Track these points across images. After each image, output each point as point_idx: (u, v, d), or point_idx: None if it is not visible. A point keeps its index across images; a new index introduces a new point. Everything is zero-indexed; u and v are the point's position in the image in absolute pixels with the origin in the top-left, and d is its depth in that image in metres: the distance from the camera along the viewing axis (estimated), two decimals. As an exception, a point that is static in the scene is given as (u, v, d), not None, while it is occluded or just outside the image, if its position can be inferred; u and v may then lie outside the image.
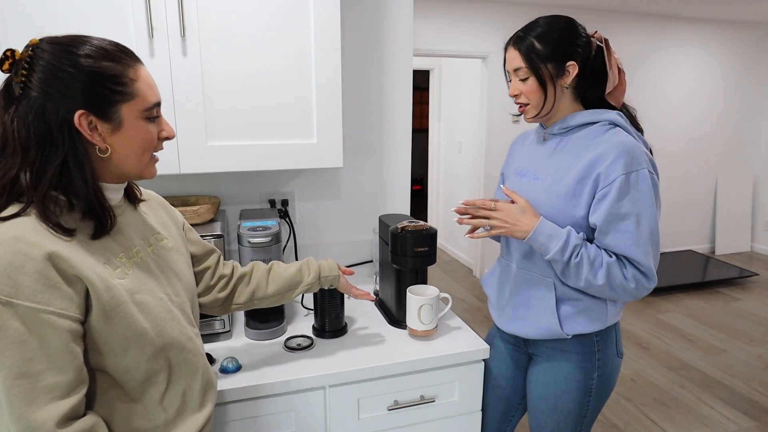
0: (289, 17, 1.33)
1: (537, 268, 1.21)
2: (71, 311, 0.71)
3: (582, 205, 1.12)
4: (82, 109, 0.73)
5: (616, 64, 1.16)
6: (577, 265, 1.10)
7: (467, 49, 4.20)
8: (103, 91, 0.74)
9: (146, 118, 0.80)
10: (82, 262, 0.73)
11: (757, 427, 2.45)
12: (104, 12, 1.20)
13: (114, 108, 0.76)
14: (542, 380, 1.27)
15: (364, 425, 1.28)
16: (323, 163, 1.44)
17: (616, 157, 1.07)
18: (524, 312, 1.24)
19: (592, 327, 1.18)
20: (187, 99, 1.29)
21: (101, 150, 0.76)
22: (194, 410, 0.90)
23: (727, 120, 5.25)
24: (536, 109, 1.17)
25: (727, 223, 5.36)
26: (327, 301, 1.37)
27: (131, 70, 0.77)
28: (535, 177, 1.22)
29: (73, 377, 0.72)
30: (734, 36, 5.04)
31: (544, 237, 1.12)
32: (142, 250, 0.87)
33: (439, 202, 5.65)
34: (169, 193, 1.65)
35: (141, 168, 0.83)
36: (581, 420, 1.26)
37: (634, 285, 1.10)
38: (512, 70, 1.17)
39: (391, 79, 1.78)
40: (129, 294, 0.79)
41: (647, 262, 1.09)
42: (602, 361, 1.22)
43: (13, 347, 0.68)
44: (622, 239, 1.09)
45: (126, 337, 0.77)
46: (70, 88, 0.72)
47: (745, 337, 3.42)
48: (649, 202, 1.08)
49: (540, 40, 1.12)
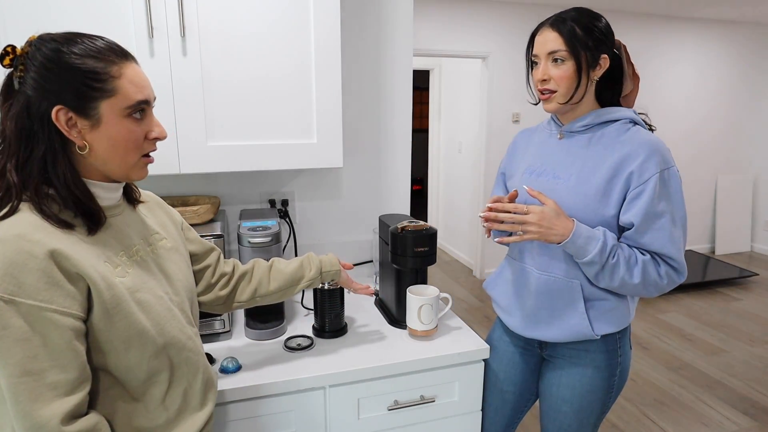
0: (289, 18, 1.33)
1: (560, 270, 1.18)
2: (74, 309, 0.72)
3: (612, 204, 1.11)
4: (59, 104, 0.73)
5: (634, 69, 1.17)
6: (614, 265, 1.09)
7: (467, 49, 4.20)
8: (81, 87, 0.74)
9: (129, 116, 0.78)
10: (84, 260, 0.74)
11: (757, 427, 2.45)
12: (104, 12, 1.20)
13: (92, 104, 0.75)
14: (566, 382, 1.25)
15: (364, 425, 1.28)
16: (323, 163, 1.44)
17: (648, 156, 1.07)
18: (548, 316, 1.21)
19: (619, 325, 1.18)
20: (187, 99, 1.29)
21: (80, 147, 0.76)
22: (195, 409, 0.90)
23: (727, 120, 5.25)
24: (565, 98, 1.13)
25: (727, 223, 5.36)
26: (327, 300, 1.37)
27: (115, 67, 0.76)
28: (555, 176, 1.18)
29: (76, 375, 0.72)
30: (734, 36, 5.04)
31: (583, 239, 1.08)
32: (141, 249, 0.87)
33: (439, 202, 5.65)
34: (169, 193, 1.65)
35: (126, 168, 0.81)
36: (601, 416, 1.27)
37: (666, 281, 1.11)
38: (547, 52, 1.11)
39: (391, 79, 1.78)
40: (130, 292, 0.79)
41: (681, 258, 1.10)
42: (623, 356, 1.23)
43: (16, 345, 0.68)
44: (659, 237, 1.09)
45: (127, 336, 0.77)
46: (51, 83, 0.73)
47: (745, 337, 3.43)
48: (680, 199, 1.10)
49: (581, 26, 1.10)
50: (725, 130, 5.27)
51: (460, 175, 5.09)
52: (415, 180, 7.53)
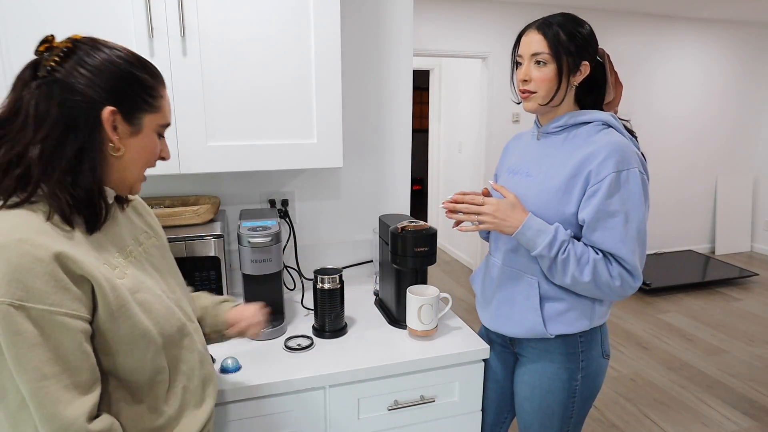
0: (290, 17, 1.33)
1: (521, 265, 1.22)
2: (82, 312, 0.72)
3: (573, 201, 1.13)
4: (114, 106, 0.76)
5: (617, 77, 1.19)
6: (563, 261, 1.11)
7: (467, 49, 4.20)
8: (137, 97, 0.79)
9: (159, 133, 0.86)
10: (88, 262, 0.73)
11: (757, 427, 2.45)
12: (104, 12, 1.20)
13: (140, 115, 0.80)
14: (527, 380, 1.28)
15: (364, 425, 1.28)
16: (323, 163, 1.44)
17: (608, 155, 1.08)
18: (509, 310, 1.25)
19: (576, 327, 1.18)
20: (187, 99, 1.29)
21: (115, 148, 0.79)
22: (195, 406, 0.90)
23: (727, 120, 5.25)
24: (544, 99, 1.16)
25: (727, 223, 5.36)
26: (327, 300, 1.37)
27: (162, 87, 0.84)
28: (527, 174, 1.23)
29: (89, 376, 0.73)
30: (734, 36, 5.04)
31: (533, 232, 1.12)
32: (134, 249, 0.88)
33: (439, 203, 5.65)
34: (169, 193, 1.65)
35: (136, 179, 0.85)
36: (567, 420, 1.26)
37: (619, 283, 1.11)
38: (530, 54, 1.14)
39: (391, 79, 1.78)
40: (131, 293, 0.79)
41: (633, 260, 1.10)
42: (586, 362, 1.22)
43: (31, 351, 0.68)
44: (610, 236, 1.09)
45: (132, 337, 0.78)
46: (111, 85, 0.76)
47: (745, 337, 3.42)
48: (638, 201, 1.09)
49: (565, 31, 1.12)
50: (725, 130, 5.27)
51: (460, 175, 5.09)
52: (415, 180, 7.53)
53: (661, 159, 5.04)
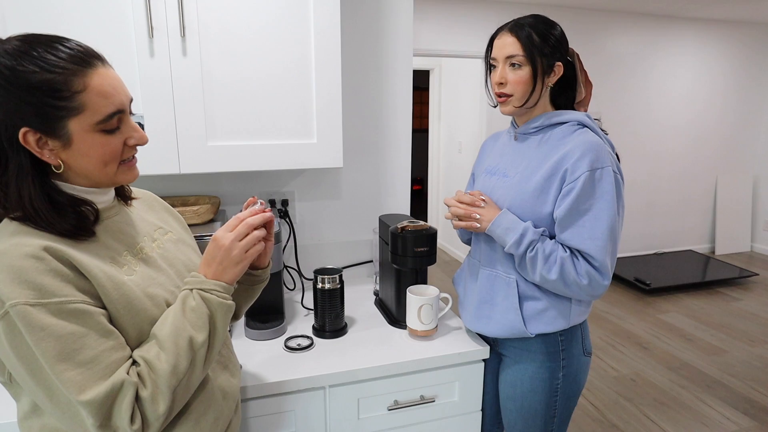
0: (289, 17, 1.33)
1: (500, 265, 1.23)
2: (92, 299, 0.72)
3: (549, 201, 1.14)
4: (25, 126, 0.68)
5: (587, 76, 1.22)
6: (531, 259, 1.12)
7: (467, 49, 4.20)
8: (43, 107, 0.67)
9: (103, 130, 0.72)
10: (87, 260, 0.73)
11: (757, 427, 2.45)
12: (104, 11, 1.20)
13: (59, 124, 0.69)
14: (509, 380, 1.28)
15: (364, 425, 1.28)
16: (323, 163, 1.44)
17: (582, 154, 1.09)
18: (489, 310, 1.25)
19: (555, 326, 1.19)
20: (187, 99, 1.29)
21: (55, 167, 0.72)
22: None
23: (727, 120, 5.25)
24: (520, 102, 1.17)
25: (727, 223, 5.36)
26: (327, 300, 1.37)
27: (77, 80, 0.69)
28: (504, 175, 1.24)
29: (120, 351, 0.73)
30: (734, 36, 5.04)
31: (502, 229, 1.14)
32: (146, 246, 0.87)
33: (439, 202, 5.65)
34: (169, 193, 1.65)
35: (110, 178, 0.77)
36: (550, 420, 1.26)
37: (587, 281, 1.10)
38: (505, 56, 1.15)
39: (391, 79, 1.78)
40: (140, 289, 0.79)
41: (602, 258, 1.09)
42: (567, 360, 1.23)
43: (60, 341, 0.67)
44: (579, 233, 1.10)
45: (143, 332, 0.78)
46: (11, 104, 0.67)
47: (745, 337, 3.43)
48: (610, 200, 1.09)
49: (538, 33, 1.14)
50: (725, 129, 5.27)
51: (460, 175, 5.08)
52: (415, 180, 7.53)
53: (661, 159, 5.04)
